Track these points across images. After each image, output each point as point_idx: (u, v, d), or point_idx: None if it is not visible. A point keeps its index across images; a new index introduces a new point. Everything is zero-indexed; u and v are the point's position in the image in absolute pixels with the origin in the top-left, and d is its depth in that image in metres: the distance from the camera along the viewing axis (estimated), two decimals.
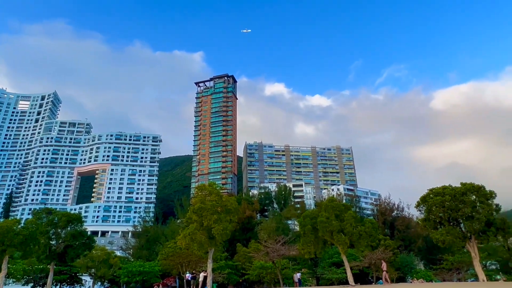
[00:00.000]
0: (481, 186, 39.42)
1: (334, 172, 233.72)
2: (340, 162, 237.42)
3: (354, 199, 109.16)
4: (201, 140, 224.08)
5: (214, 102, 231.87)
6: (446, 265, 55.86)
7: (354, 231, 35.81)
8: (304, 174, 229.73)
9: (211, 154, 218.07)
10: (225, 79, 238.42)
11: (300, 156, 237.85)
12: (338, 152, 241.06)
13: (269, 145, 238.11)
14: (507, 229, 39.31)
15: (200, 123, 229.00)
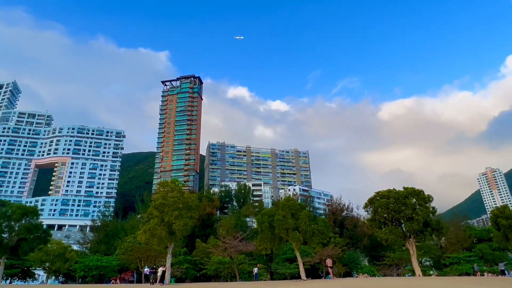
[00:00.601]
0: (421, 190, 41.89)
1: (291, 174, 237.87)
2: (297, 164, 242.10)
3: (309, 199, 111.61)
4: (165, 137, 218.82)
5: (179, 101, 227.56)
6: (387, 261, 58.56)
7: (308, 229, 36.56)
8: (263, 174, 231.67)
9: (174, 152, 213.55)
10: (191, 80, 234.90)
11: (260, 157, 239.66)
12: (296, 155, 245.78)
13: (231, 146, 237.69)
14: (441, 230, 42.08)
15: (165, 121, 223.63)
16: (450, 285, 25.85)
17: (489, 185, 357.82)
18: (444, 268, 58.74)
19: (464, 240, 65.82)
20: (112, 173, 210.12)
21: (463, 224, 77.36)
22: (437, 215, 49.36)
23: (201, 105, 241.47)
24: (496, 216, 46.31)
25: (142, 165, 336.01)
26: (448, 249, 63.64)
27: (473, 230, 73.31)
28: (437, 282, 28.96)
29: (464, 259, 57.92)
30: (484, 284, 28.17)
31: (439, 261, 62.06)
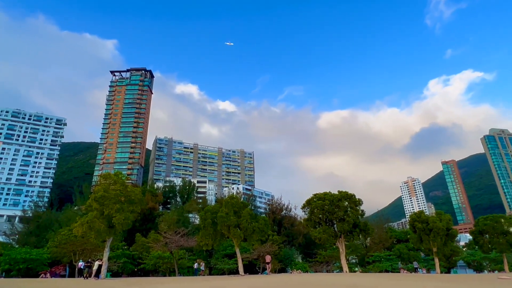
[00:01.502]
0: (353, 194, 44.52)
1: (236, 173, 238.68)
2: (242, 164, 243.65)
3: (251, 198, 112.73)
4: (110, 128, 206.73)
5: (128, 93, 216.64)
6: (319, 258, 61.24)
7: (249, 227, 36.92)
8: (209, 172, 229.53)
9: (119, 144, 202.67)
10: (142, 73, 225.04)
11: (207, 155, 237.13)
12: (242, 155, 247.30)
13: (179, 142, 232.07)
14: (367, 231, 45.06)
15: (111, 112, 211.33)
16: (372, 280, 27.77)
17: (409, 193, 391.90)
18: (367, 266, 62.90)
19: (386, 240, 71.07)
20: (49, 162, 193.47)
21: (386, 226, 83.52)
22: (365, 217, 52.84)
23: (150, 99, 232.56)
24: (413, 220, 50.76)
25: (83, 155, 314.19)
26: (372, 248, 68.24)
27: (394, 232, 79.41)
28: (361, 278, 30.98)
29: (385, 258, 62.61)
30: (398, 279, 30.74)
31: (364, 259, 66.24)
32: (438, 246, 47.76)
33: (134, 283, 27.86)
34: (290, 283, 24.23)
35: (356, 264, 69.29)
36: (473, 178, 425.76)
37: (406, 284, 24.63)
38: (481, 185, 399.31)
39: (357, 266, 67.88)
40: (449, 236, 49.17)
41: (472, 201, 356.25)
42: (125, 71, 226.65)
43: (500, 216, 55.84)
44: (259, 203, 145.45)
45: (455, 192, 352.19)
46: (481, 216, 58.44)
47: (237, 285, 22.35)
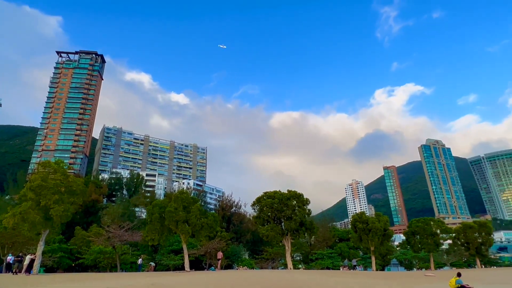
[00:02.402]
0: (301, 194, 45.94)
1: (187, 167, 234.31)
2: (194, 159, 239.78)
3: (202, 194, 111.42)
4: (53, 113, 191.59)
5: (76, 77, 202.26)
6: (265, 255, 62.34)
7: (197, 223, 36.52)
8: (159, 166, 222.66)
9: (62, 131, 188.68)
10: (93, 56, 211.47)
11: (158, 148, 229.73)
12: (195, 150, 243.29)
13: (129, 132, 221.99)
14: (312, 229, 46.82)
15: (55, 95, 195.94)
16: (313, 277, 28.91)
17: (353, 194, 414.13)
18: (310, 263, 65.31)
19: (329, 239, 74.30)
20: None
21: (330, 225, 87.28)
22: (311, 216, 54.78)
23: (100, 85, 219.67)
24: (355, 220, 53.69)
25: (19, 140, 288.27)
26: (315, 246, 70.96)
27: (337, 231, 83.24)
28: (303, 274, 32.15)
29: (327, 255, 65.40)
30: (337, 276, 32.40)
31: (308, 257, 68.66)
32: (375, 245, 51.04)
33: (70, 279, 26.23)
34: (232, 279, 24.41)
35: (300, 261, 71.50)
36: (409, 183, 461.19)
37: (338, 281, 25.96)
38: (416, 190, 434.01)
39: (301, 263, 70.09)
40: (386, 236, 52.80)
41: (407, 205, 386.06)
42: (73, 53, 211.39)
43: (430, 219, 61.12)
44: (209, 199, 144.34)
45: (393, 195, 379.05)
46: (414, 219, 63.54)
47: (178, 281, 22.03)
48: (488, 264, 69.12)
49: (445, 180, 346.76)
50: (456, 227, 66.94)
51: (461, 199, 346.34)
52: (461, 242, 62.84)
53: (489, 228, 63.69)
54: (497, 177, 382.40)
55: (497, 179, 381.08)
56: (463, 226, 64.48)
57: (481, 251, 62.18)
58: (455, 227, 68.33)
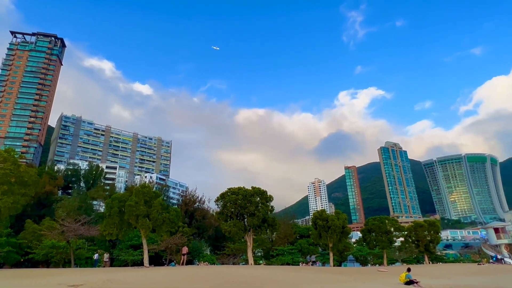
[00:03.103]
0: (265, 191, 46.45)
1: (151, 161, 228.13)
2: (158, 153, 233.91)
3: (164, 188, 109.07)
4: (4, 98, 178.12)
5: (31, 60, 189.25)
6: (227, 251, 62.40)
7: (159, 217, 35.76)
8: (120, 158, 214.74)
9: (14, 117, 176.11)
10: (51, 39, 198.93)
11: (120, 140, 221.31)
12: (159, 143, 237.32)
13: (89, 122, 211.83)
14: (275, 226, 47.57)
15: (8, 79, 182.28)
16: (271, 272, 29.40)
17: (315, 192, 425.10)
18: (271, 259, 66.29)
19: (290, 235, 75.76)
20: None
21: (292, 222, 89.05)
22: (274, 213, 55.60)
23: (59, 70, 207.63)
24: (315, 217, 55.22)
25: None
26: (277, 243, 72.09)
27: (298, 228, 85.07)
28: (262, 270, 32.59)
29: (288, 251, 66.70)
30: (296, 271, 33.20)
31: (269, 252, 69.63)
32: (334, 242, 52.87)
33: (19, 275, 24.67)
34: (191, 274, 24.23)
35: (261, 257, 72.34)
36: (368, 183, 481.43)
37: (296, 275, 26.61)
38: (373, 190, 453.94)
39: (262, 259, 70.91)
40: (344, 234, 54.84)
41: (365, 203, 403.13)
42: (30, 34, 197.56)
43: (385, 218, 64.26)
44: (172, 194, 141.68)
45: (353, 194, 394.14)
46: (371, 217, 66.54)
47: (136, 277, 21.50)
48: (435, 260, 73.86)
49: (400, 181, 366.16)
50: (408, 226, 70.96)
51: (414, 200, 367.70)
52: (412, 240, 66.68)
53: (437, 227, 68.19)
54: (446, 179, 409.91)
55: (447, 182, 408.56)
56: (415, 224, 68.49)
57: (429, 248, 66.43)
58: (407, 225, 72.45)
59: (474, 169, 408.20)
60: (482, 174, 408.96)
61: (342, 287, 20.07)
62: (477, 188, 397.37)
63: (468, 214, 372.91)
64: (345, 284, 22.08)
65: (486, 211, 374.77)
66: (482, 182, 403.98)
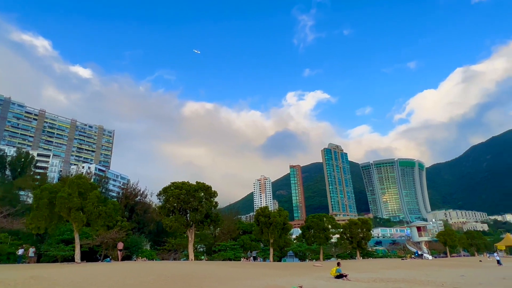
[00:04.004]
0: (209, 186, 46.12)
1: (90, 150, 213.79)
2: (99, 142, 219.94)
3: (103, 180, 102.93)
4: None
5: None
6: (168, 246, 60.95)
7: (94, 211, 33.69)
8: (55, 145, 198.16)
9: None
10: None
11: (55, 126, 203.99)
12: (100, 132, 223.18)
13: (20, 104, 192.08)
14: (218, 222, 47.55)
15: None
16: (211, 267, 29.38)
17: (260, 189, 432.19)
18: (213, 254, 66.15)
19: (233, 231, 76.20)
20: None
21: (236, 218, 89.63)
22: (218, 209, 55.55)
23: None
24: (258, 214, 56.23)
25: None
26: (220, 238, 72.08)
27: (241, 224, 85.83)
28: (204, 265, 32.42)
29: (230, 247, 67.06)
30: (237, 266, 33.57)
31: (211, 248, 69.40)
32: (275, 238, 54.29)
33: None
34: (126, 270, 23.33)
35: (203, 253, 71.90)
36: (311, 182, 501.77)
37: (237, 271, 26.96)
38: (315, 189, 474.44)
39: (203, 254, 70.47)
40: (285, 230, 56.56)
41: (307, 201, 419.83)
42: None
43: (323, 215, 67.59)
44: (112, 186, 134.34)
45: (296, 192, 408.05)
46: (311, 215, 69.53)
47: (63, 273, 20.14)
48: (366, 255, 79.50)
49: (340, 182, 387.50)
50: (343, 223, 75.47)
51: (351, 199, 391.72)
52: (346, 237, 71.05)
53: (369, 225, 73.46)
54: (380, 181, 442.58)
55: (381, 183, 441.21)
56: (350, 222, 73.08)
57: (361, 245, 71.34)
58: (343, 223, 77.03)
59: (404, 173, 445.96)
60: (411, 178, 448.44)
61: (277, 281, 20.71)
62: (406, 190, 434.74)
63: (397, 213, 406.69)
64: (281, 278, 22.82)
65: (412, 211, 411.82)
66: (411, 185, 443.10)
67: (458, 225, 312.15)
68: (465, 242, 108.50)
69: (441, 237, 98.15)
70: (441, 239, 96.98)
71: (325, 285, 19.77)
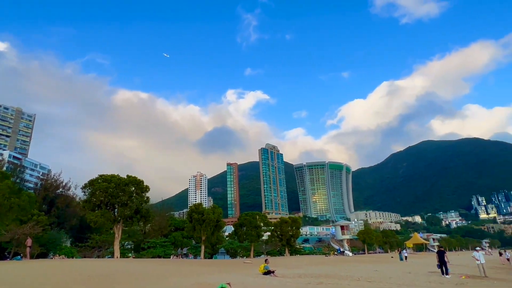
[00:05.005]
0: (141, 180, 44.01)
1: (4, 135, 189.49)
2: (15, 126, 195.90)
3: (18, 169, 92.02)
4: None
5: None
6: (91, 243, 56.76)
7: (5, 203, 29.98)
8: None
9: None
10: None
11: None
12: (18, 115, 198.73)
13: None
14: (148, 218, 45.61)
15: None
16: (136, 265, 28.11)
17: (195, 186, 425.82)
18: (142, 251, 63.38)
19: (165, 228, 73.93)
20: None
21: (168, 214, 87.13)
22: (150, 204, 53.26)
23: None
24: (192, 210, 55.30)
25: None
26: (150, 235, 69.38)
27: (174, 220, 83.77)
28: (129, 263, 30.86)
29: (160, 244, 64.90)
30: (166, 264, 32.59)
31: (140, 245, 66.43)
32: (207, 235, 53.85)
33: None
34: (35, 269, 21.21)
35: (131, 250, 68.60)
36: (247, 181, 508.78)
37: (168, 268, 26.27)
38: (250, 187, 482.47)
39: (131, 251, 67.24)
40: (218, 227, 56.43)
41: (242, 199, 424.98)
42: None
43: (257, 213, 69.05)
44: (29, 176, 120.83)
45: (232, 190, 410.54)
46: (244, 212, 70.51)
47: None
48: (294, 252, 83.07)
49: (274, 181, 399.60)
50: (275, 222, 77.91)
51: (284, 198, 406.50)
52: (277, 234, 73.43)
53: (298, 224, 76.96)
54: (311, 182, 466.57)
55: (311, 184, 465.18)
56: (281, 221, 75.68)
57: (290, 242, 74.34)
58: (275, 221, 79.50)
59: (333, 175, 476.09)
60: (339, 180, 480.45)
61: (207, 278, 20.54)
62: (334, 191, 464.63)
63: (325, 213, 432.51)
64: (211, 275, 22.70)
65: (338, 211, 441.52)
66: (338, 187, 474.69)
67: (376, 224, 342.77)
68: (381, 240, 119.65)
69: (361, 235, 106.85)
70: (361, 237, 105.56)
71: (253, 281, 20.14)
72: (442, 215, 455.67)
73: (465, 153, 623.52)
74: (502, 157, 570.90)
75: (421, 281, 23.83)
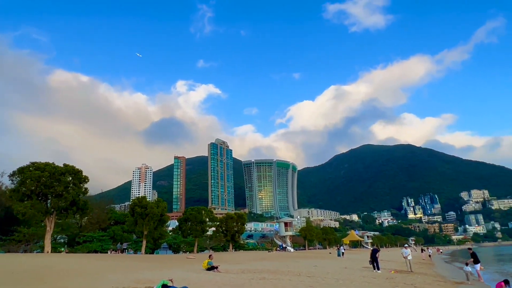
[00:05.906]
0: (80, 170, 41.12)
1: None
2: None
3: None
4: None
5: None
6: (18, 237, 51.80)
7: None
8: None
9: None
10: None
11: None
12: None
13: None
14: (85, 210, 42.80)
15: None
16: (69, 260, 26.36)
17: (139, 178, 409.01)
18: (77, 246, 59.39)
19: (103, 221, 70.09)
20: None
21: (108, 207, 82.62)
22: (88, 196, 49.92)
23: None
24: (134, 204, 52.97)
25: None
26: (86, 228, 65.32)
27: (114, 214, 79.75)
28: (61, 258, 28.77)
29: (97, 238, 61.34)
30: (103, 260, 30.91)
31: (74, 239, 62.24)
32: (150, 230, 51.97)
33: None
34: None
35: (64, 244, 64.02)
36: (194, 175, 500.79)
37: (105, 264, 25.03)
38: (197, 182, 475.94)
39: (64, 246, 62.73)
40: (161, 222, 54.76)
41: (188, 194, 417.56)
42: None
43: (202, 208, 68.28)
44: None
45: (178, 184, 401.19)
46: (190, 207, 69.33)
47: None
48: (238, 248, 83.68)
49: (222, 177, 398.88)
50: (221, 217, 77.81)
51: (231, 194, 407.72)
52: (222, 230, 73.41)
53: (244, 219, 77.68)
54: (259, 179, 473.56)
55: (259, 181, 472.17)
56: (226, 216, 75.81)
57: (235, 238, 74.82)
58: (221, 217, 79.40)
59: (280, 173, 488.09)
60: (285, 178, 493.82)
61: (147, 274, 19.82)
62: (279, 189, 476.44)
63: (270, 210, 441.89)
64: (152, 271, 21.95)
65: (282, 208, 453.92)
66: (284, 184, 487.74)
67: (317, 222, 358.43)
68: (321, 237, 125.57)
69: (302, 232, 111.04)
70: (302, 234, 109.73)
71: (196, 277, 19.88)
72: (377, 214, 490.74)
73: (399, 158, 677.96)
74: (431, 163, 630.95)
75: (356, 275, 25.42)
